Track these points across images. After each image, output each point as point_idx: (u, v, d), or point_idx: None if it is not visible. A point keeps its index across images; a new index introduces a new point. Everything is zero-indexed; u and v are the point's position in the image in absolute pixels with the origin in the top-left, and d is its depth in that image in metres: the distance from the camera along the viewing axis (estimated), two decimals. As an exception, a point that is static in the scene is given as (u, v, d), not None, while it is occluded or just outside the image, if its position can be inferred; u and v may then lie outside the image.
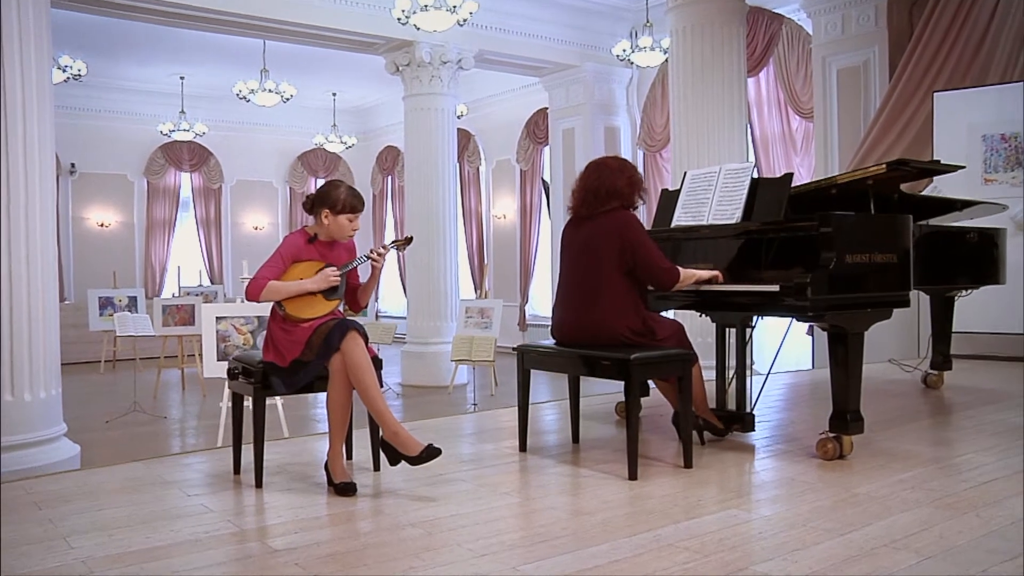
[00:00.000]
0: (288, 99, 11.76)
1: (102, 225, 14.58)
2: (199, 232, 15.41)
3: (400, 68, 10.42)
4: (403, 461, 3.36)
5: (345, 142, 14.73)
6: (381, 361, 3.68)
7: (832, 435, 3.84)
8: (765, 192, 4.11)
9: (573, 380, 4.35)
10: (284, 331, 3.51)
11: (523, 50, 10.94)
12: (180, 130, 13.38)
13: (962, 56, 7.72)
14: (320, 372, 3.49)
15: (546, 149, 12.93)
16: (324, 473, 3.54)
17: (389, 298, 16.87)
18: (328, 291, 3.59)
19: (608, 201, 3.86)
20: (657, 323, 3.90)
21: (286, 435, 6.43)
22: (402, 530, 2.95)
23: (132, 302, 12.03)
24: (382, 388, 3.55)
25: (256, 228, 16.07)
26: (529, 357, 4.09)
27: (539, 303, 13.68)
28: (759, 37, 10.04)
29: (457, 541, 2.82)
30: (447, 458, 4.03)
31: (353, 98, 15.34)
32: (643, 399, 4.51)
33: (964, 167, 4.82)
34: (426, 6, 8.10)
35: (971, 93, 7.24)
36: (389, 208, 16.52)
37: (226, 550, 2.77)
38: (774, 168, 10.42)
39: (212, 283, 14.85)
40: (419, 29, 8.58)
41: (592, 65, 11.52)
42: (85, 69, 10.44)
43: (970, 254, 4.85)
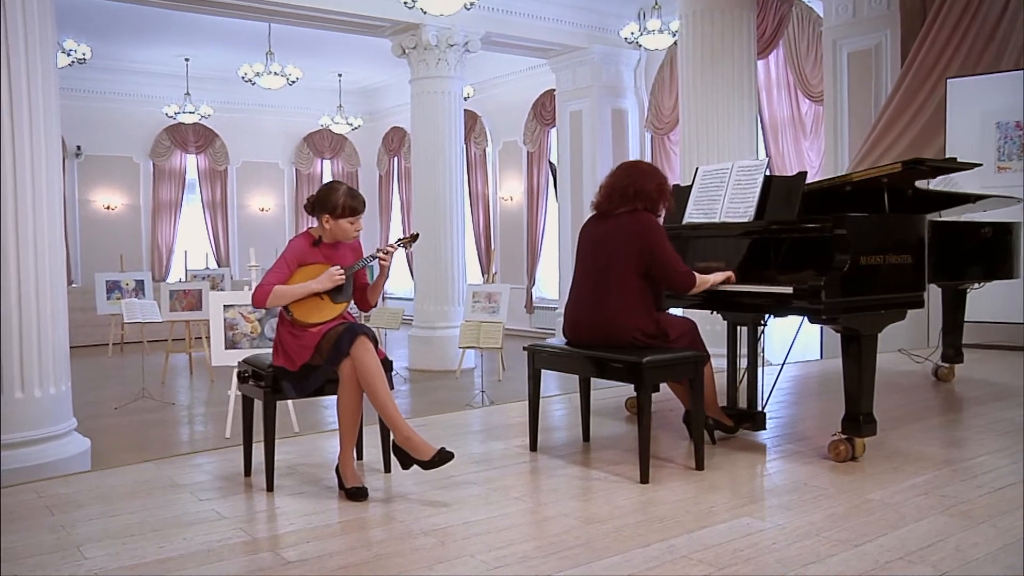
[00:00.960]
0: (294, 82, 11.69)
1: (108, 208, 14.56)
2: (205, 214, 15.39)
3: (406, 51, 10.34)
4: (415, 465, 3.36)
5: (351, 123, 14.66)
6: (391, 362, 3.68)
7: (844, 437, 3.82)
8: (778, 190, 4.06)
9: (584, 379, 4.33)
10: (293, 336, 3.49)
11: (530, 32, 10.84)
12: (185, 112, 13.33)
13: (976, 41, 7.61)
14: (330, 376, 3.48)
15: (553, 131, 12.85)
16: (335, 476, 3.54)
17: (395, 280, 16.84)
18: (335, 294, 3.57)
19: (633, 201, 3.82)
20: (669, 323, 3.87)
21: (296, 430, 6.46)
22: (415, 539, 2.95)
23: (139, 286, 12.03)
24: (392, 389, 3.54)
25: (263, 210, 16.04)
26: (540, 357, 4.07)
27: (546, 286, 13.66)
28: (769, 19, 9.92)
29: (470, 552, 2.82)
30: (458, 458, 4.00)
31: (359, 79, 15.24)
32: (653, 394, 4.49)
33: (981, 164, 4.78)
34: (433, -10, 8.03)
35: (985, 80, 7.14)
36: (395, 189, 16.46)
37: (239, 561, 2.77)
38: (783, 151, 10.35)
39: (219, 266, 14.84)
40: (426, 13, 8.50)
41: (600, 47, 11.41)
42: (90, 53, 10.38)
43: (984, 249, 4.80)
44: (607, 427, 4.64)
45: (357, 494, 3.38)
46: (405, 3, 8.21)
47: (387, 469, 3.77)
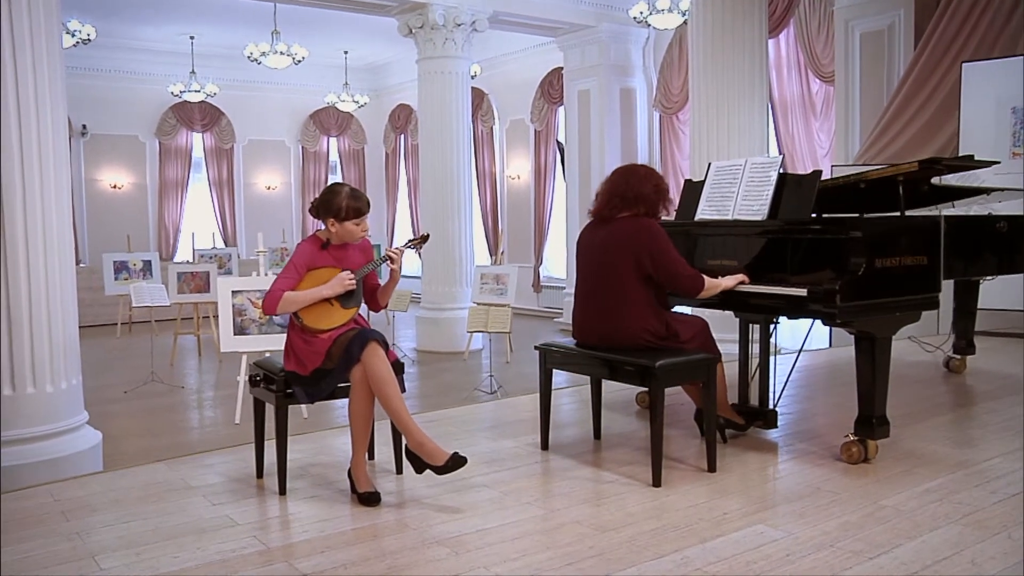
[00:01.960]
0: (299, 61, 11.59)
1: (115, 187, 14.53)
2: (212, 193, 15.35)
3: (413, 31, 10.24)
4: (428, 470, 3.36)
5: (357, 101, 14.56)
6: (402, 365, 3.67)
7: (857, 438, 3.81)
8: (792, 189, 4.02)
9: (595, 378, 4.31)
10: (304, 341, 3.48)
11: (538, 11, 10.72)
12: (191, 91, 13.24)
13: (992, 24, 7.50)
14: (341, 381, 3.47)
15: (561, 109, 12.75)
16: (348, 479, 3.54)
17: (404, 260, 16.79)
18: (345, 299, 3.55)
19: (633, 206, 3.79)
20: (680, 323, 3.85)
21: (305, 416, 6.48)
22: (428, 549, 2.96)
23: (147, 266, 12.01)
24: (403, 391, 3.53)
25: (269, 188, 15.99)
26: (551, 357, 4.06)
27: (553, 264, 13.63)
28: (780, -2, 9.79)
29: (484, 563, 2.82)
30: (470, 458, 4.03)
31: (365, 56, 15.13)
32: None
33: (999, 162, 4.71)
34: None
35: (1001, 64, 7.05)
36: (402, 167, 16.39)
37: (253, 573, 2.78)
38: (793, 132, 10.25)
39: (226, 245, 14.82)
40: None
41: (608, 25, 11.29)
42: (94, 33, 10.30)
43: (1000, 244, 4.74)
44: (618, 422, 4.63)
45: (369, 499, 3.39)
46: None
47: (399, 471, 3.77)
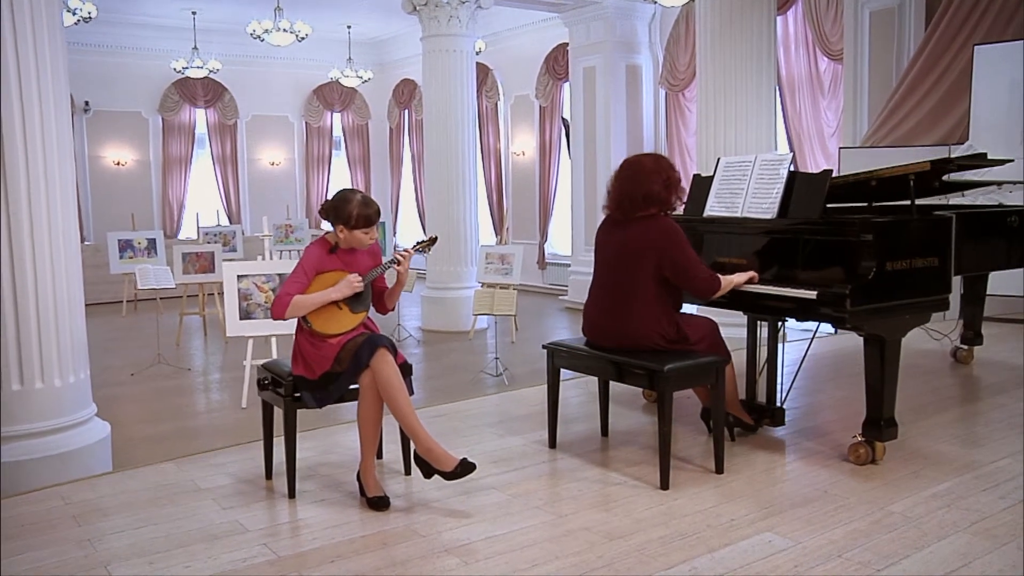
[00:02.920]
0: (303, 39, 11.49)
1: (118, 163, 14.47)
2: (215, 169, 15.27)
3: (417, 8, 10.12)
4: (437, 475, 3.37)
5: (361, 76, 14.44)
6: (411, 367, 3.66)
7: (864, 439, 3.81)
8: (802, 187, 3.99)
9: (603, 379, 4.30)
10: (312, 345, 3.48)
11: (543, -14, 10.59)
12: (193, 67, 13.14)
13: (1004, 5, 7.39)
14: (350, 386, 3.47)
15: (566, 85, 12.64)
16: (356, 481, 3.56)
17: (407, 234, 16.80)
18: (354, 303, 3.54)
19: (646, 207, 3.75)
20: (690, 325, 3.83)
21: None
22: (438, 558, 2.97)
23: (151, 244, 11.99)
24: (411, 394, 3.53)
25: (273, 164, 15.91)
26: (559, 356, 4.05)
27: (558, 242, 13.59)
28: (789, -26, 9.66)
29: (493, 574, 2.83)
30: (476, 457, 4.02)
31: (369, 30, 14.97)
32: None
33: (1012, 160, 4.66)
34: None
35: (1014, 47, 6.95)
36: (406, 142, 16.29)
37: (265, 584, 2.80)
38: (800, 110, 10.16)
39: (230, 222, 14.80)
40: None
41: (614, 1, 11.15)
42: (95, 12, 10.20)
43: (1011, 238, 4.71)
44: (625, 418, 4.63)
45: (379, 503, 3.41)
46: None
47: (407, 471, 3.79)
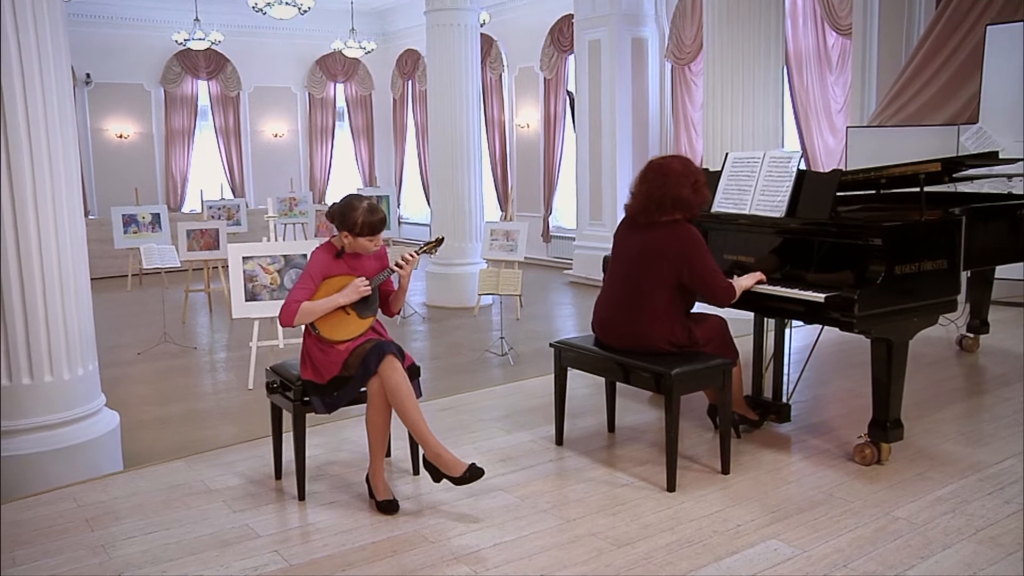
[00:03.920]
0: (305, 12, 11.37)
1: (121, 136, 14.41)
2: (219, 141, 15.21)
3: (421, -19, 10.01)
4: (446, 479, 3.40)
5: (364, 47, 14.31)
6: (418, 368, 3.68)
7: (870, 440, 3.82)
8: (811, 186, 3.97)
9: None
10: (321, 350, 3.49)
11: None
12: (195, 39, 13.02)
13: (1017, -16, 7.29)
14: (358, 391, 3.49)
15: (571, 58, 12.52)
16: (365, 483, 3.59)
17: (411, 205, 16.76)
18: (362, 308, 3.55)
19: (672, 212, 3.72)
20: (699, 327, 3.83)
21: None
22: (447, 566, 3.01)
23: (155, 219, 11.97)
24: (419, 396, 3.55)
25: (276, 135, 15.83)
26: (567, 355, 4.06)
27: (563, 215, 13.56)
28: (798, -53, 9.51)
29: (502, 585, 2.87)
30: (485, 454, 4.08)
31: (371, 0, 14.81)
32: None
33: (1022, 160, 4.61)
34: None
35: (1026, 27, 6.86)
36: (410, 113, 16.20)
37: (277, 595, 2.84)
38: (807, 85, 10.06)
39: (234, 195, 14.76)
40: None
41: (619, -28, 11.02)
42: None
43: (1020, 231, 4.68)
44: (632, 411, 4.65)
45: (388, 507, 3.44)
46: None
47: (415, 471, 3.82)
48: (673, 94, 11.58)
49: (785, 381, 4.39)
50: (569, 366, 4.08)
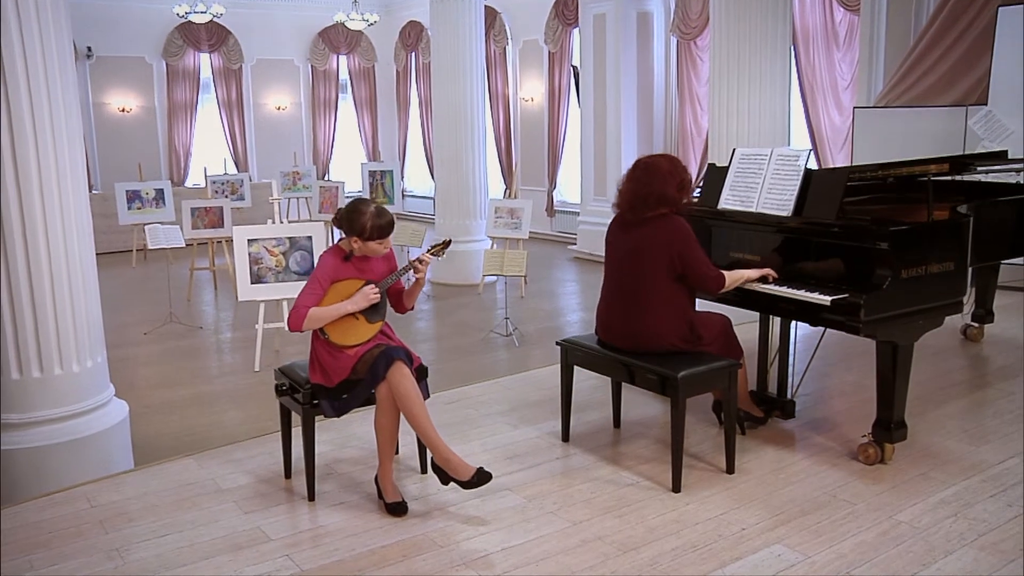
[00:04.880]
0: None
1: (123, 110, 14.34)
2: (221, 114, 15.12)
3: (425, -45, 9.90)
4: (454, 483, 3.44)
5: (367, 19, 14.18)
6: (426, 369, 3.70)
7: (874, 440, 3.85)
8: (819, 186, 3.96)
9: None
10: (330, 355, 3.51)
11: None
12: (196, 12, 12.91)
13: (1029, -36, 7.19)
14: (367, 395, 3.52)
15: (576, 31, 12.40)
16: (375, 484, 3.63)
17: (415, 177, 16.71)
18: (370, 313, 3.57)
19: (657, 207, 3.74)
20: (703, 324, 3.86)
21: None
22: (456, 571, 3.05)
23: (159, 195, 11.94)
24: (427, 397, 3.58)
25: (279, 108, 15.74)
26: (573, 354, 4.09)
27: (567, 189, 13.52)
28: (806, -78, 9.38)
29: (510, 592, 2.92)
30: (491, 451, 4.13)
31: (374, -30, 14.66)
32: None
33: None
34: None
35: (1038, 9, 6.79)
36: (413, 85, 16.09)
37: (289, 602, 2.89)
38: (814, 62, 9.97)
39: (237, 168, 14.71)
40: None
41: (626, -54, 10.88)
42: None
43: (1025, 225, 4.68)
44: (638, 405, 4.68)
45: (396, 509, 3.48)
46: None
47: (423, 470, 3.86)
48: (679, 69, 11.49)
49: (790, 376, 4.42)
50: (576, 365, 4.10)
